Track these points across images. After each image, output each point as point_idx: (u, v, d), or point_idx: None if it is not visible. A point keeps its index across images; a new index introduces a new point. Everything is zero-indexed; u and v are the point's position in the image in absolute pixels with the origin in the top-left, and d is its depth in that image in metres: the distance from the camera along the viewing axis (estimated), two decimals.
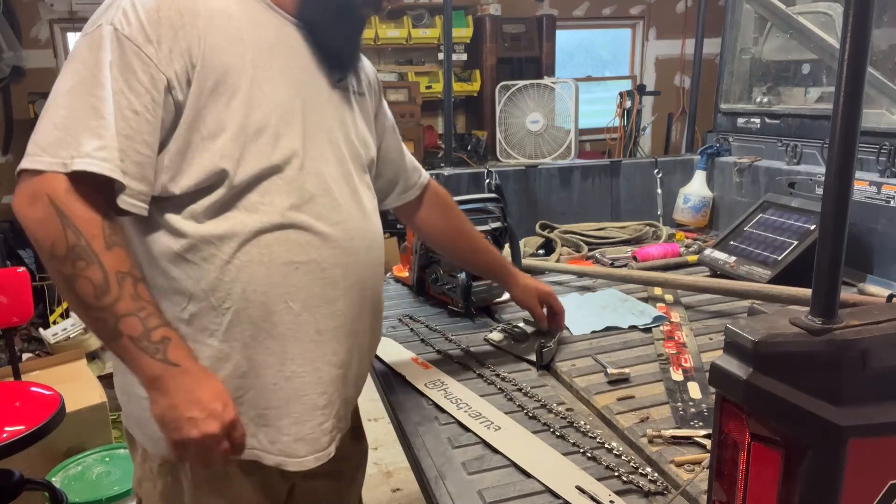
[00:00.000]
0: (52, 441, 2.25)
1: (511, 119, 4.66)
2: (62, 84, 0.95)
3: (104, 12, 0.99)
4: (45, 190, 0.91)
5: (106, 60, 0.94)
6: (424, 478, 1.19)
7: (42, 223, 0.91)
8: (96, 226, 0.92)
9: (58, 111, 0.94)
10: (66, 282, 0.92)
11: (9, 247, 4.40)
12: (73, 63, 0.96)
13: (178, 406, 0.93)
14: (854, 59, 0.69)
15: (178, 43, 0.97)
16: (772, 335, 0.72)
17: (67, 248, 0.90)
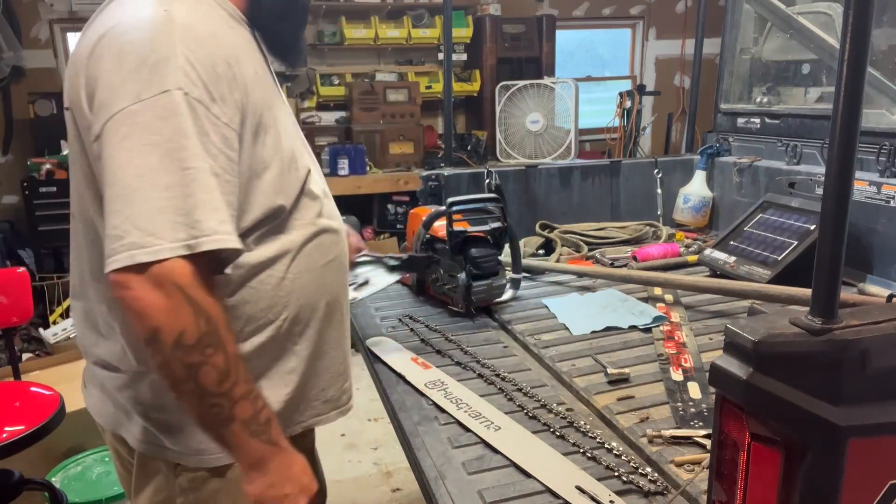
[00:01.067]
0: (52, 441, 2.25)
1: (511, 119, 4.67)
2: (142, 161, 0.86)
3: (155, 73, 0.89)
4: (170, 278, 0.85)
5: (186, 128, 0.88)
6: (424, 478, 1.19)
7: (169, 313, 0.86)
8: (220, 309, 0.91)
9: (154, 192, 0.86)
10: (189, 370, 0.88)
11: (9, 247, 4.41)
12: (144, 135, 0.87)
13: (277, 485, 0.97)
14: (854, 59, 0.69)
15: (234, 96, 0.95)
16: (772, 335, 0.72)
17: (199, 337, 0.87)
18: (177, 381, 0.89)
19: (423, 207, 2.21)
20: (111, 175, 0.87)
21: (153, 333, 0.86)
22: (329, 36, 5.04)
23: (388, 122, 4.85)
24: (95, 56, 0.93)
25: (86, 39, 0.99)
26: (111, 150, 0.88)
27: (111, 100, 0.89)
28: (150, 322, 0.86)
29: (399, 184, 4.61)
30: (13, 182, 4.54)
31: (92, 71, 0.93)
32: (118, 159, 0.87)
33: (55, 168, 4.26)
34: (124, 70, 0.89)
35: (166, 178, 0.86)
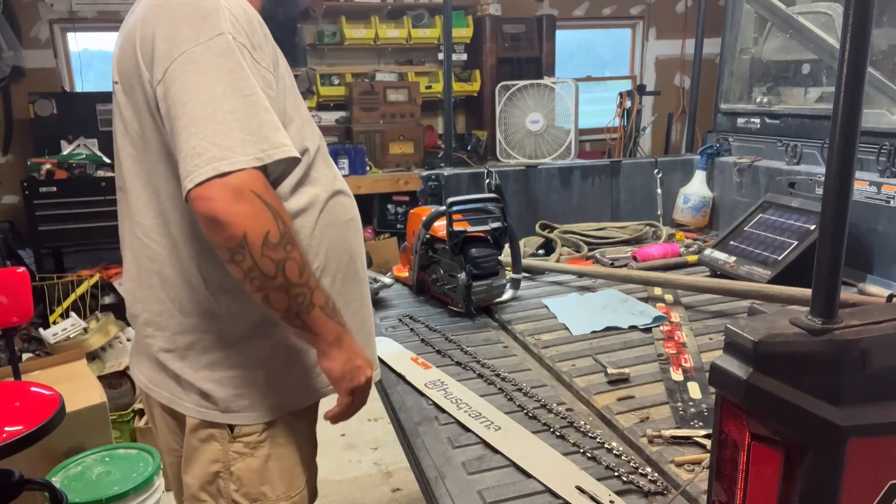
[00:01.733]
0: (52, 441, 2.24)
1: (511, 119, 4.67)
2: (209, 91, 0.97)
3: (207, 21, 1.00)
4: (248, 186, 0.95)
5: (242, 64, 1.00)
6: (424, 478, 1.19)
7: (254, 217, 0.95)
8: (286, 211, 1.02)
9: (224, 115, 0.96)
10: (277, 266, 0.98)
11: (9, 247, 4.41)
12: (207, 70, 0.98)
13: (351, 359, 1.11)
14: (854, 59, 0.69)
15: (267, 49, 1.08)
16: (772, 335, 0.72)
17: (280, 236, 0.98)
18: (267, 279, 0.99)
19: (423, 207, 2.21)
20: (181, 107, 0.97)
21: (241, 239, 0.95)
22: (329, 36, 5.04)
23: (388, 122, 4.85)
24: (148, 20, 1.04)
25: (134, 16, 1.10)
26: (179, 86, 0.98)
27: (171, 47, 1.00)
28: (236, 229, 0.95)
29: (399, 184, 4.61)
30: (13, 182, 4.54)
31: (147, 31, 1.03)
32: (187, 92, 0.97)
33: (55, 168, 4.26)
34: (179, 22, 1.01)
35: (232, 104, 0.97)
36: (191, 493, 1.19)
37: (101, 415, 2.67)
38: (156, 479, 2.43)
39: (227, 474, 1.17)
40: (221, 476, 1.17)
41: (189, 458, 1.19)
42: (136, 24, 1.07)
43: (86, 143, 4.52)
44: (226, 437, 1.16)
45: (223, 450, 1.16)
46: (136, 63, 1.05)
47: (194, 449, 1.18)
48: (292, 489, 1.21)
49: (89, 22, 4.87)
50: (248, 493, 1.18)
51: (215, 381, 1.14)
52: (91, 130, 4.56)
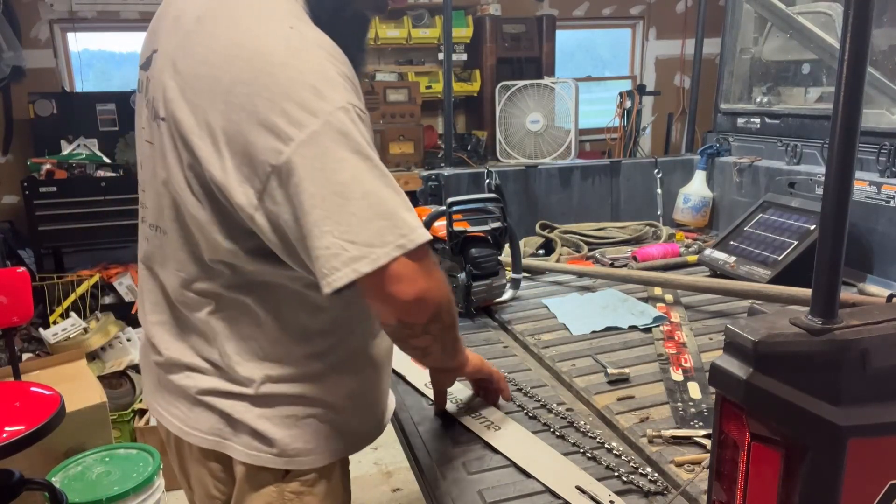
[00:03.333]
0: (52, 441, 2.25)
1: (511, 119, 4.67)
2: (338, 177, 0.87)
3: (320, 94, 0.87)
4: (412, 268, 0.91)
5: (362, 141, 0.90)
6: (424, 478, 1.19)
7: (439, 289, 0.96)
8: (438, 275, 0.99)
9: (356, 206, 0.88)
10: (448, 332, 1.05)
11: (9, 247, 4.40)
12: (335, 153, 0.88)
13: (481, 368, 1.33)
14: (854, 59, 0.69)
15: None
16: (772, 335, 0.72)
17: (451, 311, 1.02)
18: (447, 341, 1.08)
19: (423, 207, 2.21)
20: (309, 200, 0.86)
21: (436, 312, 0.97)
22: None
23: (388, 122, 4.85)
24: (240, 82, 0.89)
25: (200, 51, 0.95)
26: (304, 176, 0.86)
27: (285, 128, 0.86)
28: (431, 305, 0.95)
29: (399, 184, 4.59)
30: (13, 182, 4.54)
31: (238, 99, 0.89)
32: (314, 183, 0.86)
33: (55, 168, 4.25)
34: (285, 96, 0.87)
35: (365, 190, 0.89)
36: None
37: (101, 415, 2.67)
38: (156, 479, 2.43)
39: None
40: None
41: (240, 501, 1.12)
42: (210, 72, 0.91)
43: (86, 143, 4.52)
44: (281, 478, 1.09)
45: (278, 491, 1.09)
46: (211, 128, 0.91)
47: (245, 493, 1.11)
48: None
49: (89, 22, 4.87)
50: None
51: (271, 422, 1.06)
52: (91, 130, 4.56)
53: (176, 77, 0.97)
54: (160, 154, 1.02)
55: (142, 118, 1.09)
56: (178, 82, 0.96)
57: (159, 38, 1.06)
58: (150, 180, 1.07)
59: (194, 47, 0.96)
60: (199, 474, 1.15)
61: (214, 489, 1.15)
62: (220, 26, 0.95)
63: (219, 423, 1.07)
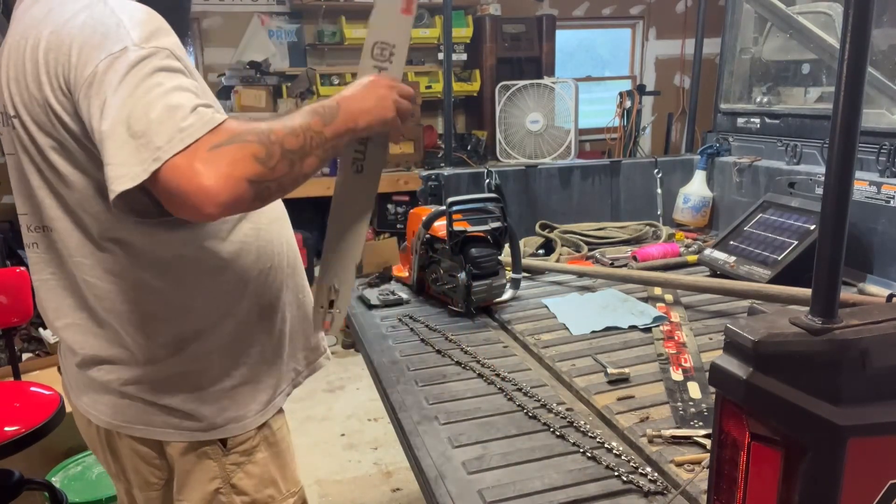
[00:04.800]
0: (52, 441, 2.25)
1: (511, 119, 4.67)
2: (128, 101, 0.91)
3: (107, 39, 0.93)
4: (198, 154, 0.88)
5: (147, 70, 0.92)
6: (424, 478, 1.19)
7: (233, 167, 0.90)
8: (239, 128, 0.93)
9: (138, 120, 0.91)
10: (290, 162, 0.94)
11: (9, 247, 4.40)
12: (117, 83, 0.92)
13: (367, 101, 1.09)
14: (854, 59, 0.69)
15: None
16: (772, 335, 0.72)
17: (265, 152, 0.91)
18: (294, 173, 0.95)
19: (423, 207, 2.21)
20: (96, 132, 0.90)
21: (247, 188, 0.89)
22: (329, 36, 5.04)
23: None
24: (52, 49, 0.97)
25: (24, 42, 1.01)
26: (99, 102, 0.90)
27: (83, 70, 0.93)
28: (232, 192, 0.88)
29: (399, 184, 4.61)
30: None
31: (50, 60, 0.96)
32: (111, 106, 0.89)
33: None
34: (83, 46, 0.94)
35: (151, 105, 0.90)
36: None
37: None
38: None
39: (228, 488, 1.16)
40: (222, 492, 1.16)
41: (183, 483, 1.16)
42: (34, 56, 0.99)
43: None
44: (219, 452, 1.14)
45: (219, 465, 1.15)
46: (45, 98, 0.98)
47: (187, 472, 1.15)
48: (295, 484, 1.24)
49: None
50: (255, 501, 1.17)
51: (196, 400, 1.11)
52: None
53: (10, 71, 1.04)
54: (23, 152, 1.06)
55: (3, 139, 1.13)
56: (10, 74, 1.03)
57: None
58: (21, 185, 1.11)
59: (18, 40, 1.03)
60: (135, 464, 1.19)
61: (151, 476, 1.20)
62: (36, 12, 1.03)
63: (145, 412, 1.12)
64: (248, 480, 1.17)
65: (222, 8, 5.01)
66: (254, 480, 1.17)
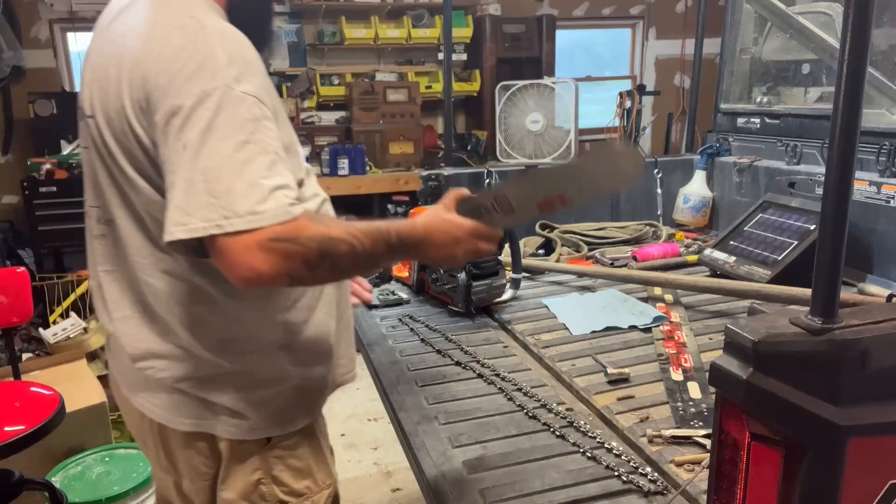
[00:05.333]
0: (52, 441, 2.25)
1: (511, 119, 4.66)
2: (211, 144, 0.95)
3: (202, 70, 0.96)
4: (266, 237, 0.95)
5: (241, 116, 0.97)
6: (424, 478, 1.19)
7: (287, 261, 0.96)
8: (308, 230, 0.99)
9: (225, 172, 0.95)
10: (331, 271, 1.02)
11: (9, 247, 4.41)
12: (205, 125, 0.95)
13: (440, 248, 1.13)
14: (854, 59, 0.69)
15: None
16: (772, 335, 0.72)
17: (318, 256, 0.97)
18: (332, 278, 1.10)
19: (423, 207, 2.21)
20: (178, 161, 0.94)
21: (288, 282, 0.98)
22: (329, 36, 5.04)
23: (388, 122, 4.85)
24: (139, 62, 0.99)
25: (113, 49, 1.05)
26: (175, 139, 0.94)
27: (167, 97, 0.96)
28: (280, 281, 0.96)
29: (399, 184, 4.61)
30: (13, 182, 4.54)
31: (136, 76, 0.99)
32: (187, 148, 0.93)
33: (55, 168, 4.25)
34: (174, 71, 0.96)
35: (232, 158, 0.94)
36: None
37: (101, 415, 2.68)
38: None
39: (269, 479, 1.20)
40: (263, 482, 1.20)
41: (227, 473, 1.20)
42: (119, 63, 1.02)
43: None
44: (263, 446, 1.19)
45: (262, 458, 1.19)
46: (122, 106, 1.01)
47: (231, 464, 1.19)
48: (330, 476, 1.28)
49: (89, 22, 4.86)
50: (293, 491, 1.22)
51: (244, 400, 1.15)
52: None
53: (94, 74, 1.08)
54: (94, 150, 1.11)
55: (80, 131, 1.19)
56: (96, 78, 1.08)
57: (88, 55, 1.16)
58: (91, 178, 1.16)
59: (106, 45, 1.08)
60: (188, 456, 1.22)
61: (204, 467, 1.22)
62: (128, 22, 1.06)
63: (198, 408, 1.15)
64: (288, 473, 1.21)
65: None
66: (294, 473, 1.22)
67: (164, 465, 1.27)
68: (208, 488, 1.24)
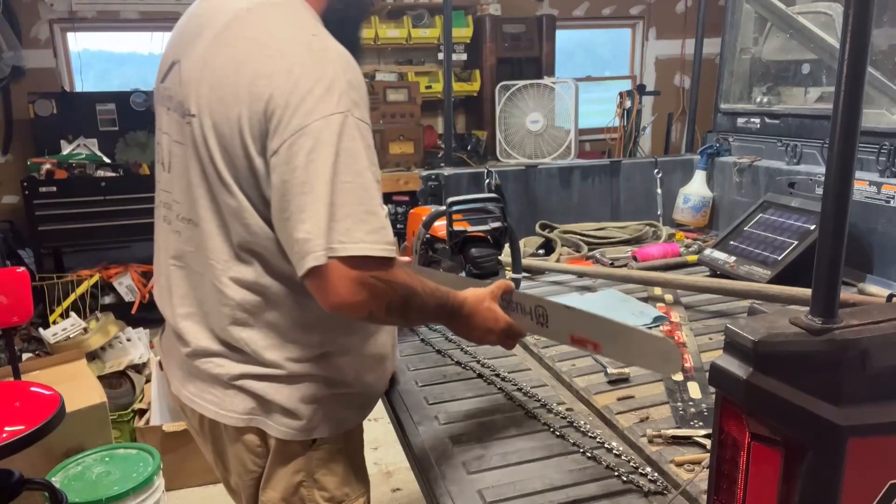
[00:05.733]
0: (52, 441, 2.25)
1: (511, 119, 4.66)
2: (327, 170, 0.99)
3: (329, 93, 1.00)
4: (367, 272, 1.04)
5: (357, 145, 1.02)
6: (424, 478, 1.19)
7: (376, 298, 1.06)
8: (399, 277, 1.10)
9: (340, 199, 1.00)
10: (402, 318, 1.16)
11: (9, 247, 4.41)
12: (328, 148, 0.99)
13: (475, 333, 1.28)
14: (854, 59, 0.69)
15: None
16: (772, 335, 0.72)
17: (401, 301, 1.08)
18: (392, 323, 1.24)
19: (423, 207, 2.21)
20: (298, 185, 0.99)
21: (367, 315, 1.07)
22: None
23: (388, 122, 4.85)
24: (261, 76, 1.02)
25: (230, 51, 1.07)
26: (298, 162, 0.98)
27: (292, 116, 0.99)
28: (361, 312, 1.05)
29: (399, 184, 4.61)
30: (13, 182, 4.54)
31: (262, 89, 1.01)
32: (306, 171, 0.98)
33: (55, 168, 4.25)
34: (302, 90, 1.00)
35: (348, 188, 1.00)
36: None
37: (101, 415, 2.67)
38: (155, 479, 2.43)
39: (310, 482, 1.22)
40: (304, 485, 1.22)
41: (272, 472, 1.22)
42: (238, 70, 1.04)
43: (86, 143, 4.52)
44: (308, 448, 1.20)
45: (306, 459, 1.21)
46: (239, 115, 1.03)
47: (276, 463, 1.21)
48: (366, 484, 1.31)
49: (89, 22, 4.87)
50: (333, 497, 1.23)
51: (299, 401, 1.17)
52: (91, 130, 4.56)
53: (205, 73, 1.09)
54: (192, 149, 1.11)
55: (163, 122, 1.21)
56: (208, 78, 1.08)
57: (180, 50, 1.17)
58: (181, 175, 1.16)
59: (223, 48, 1.08)
60: (237, 451, 1.23)
61: (252, 464, 1.24)
62: (248, 29, 1.08)
63: (252, 403, 1.17)
64: (330, 477, 1.23)
65: None
66: (335, 478, 1.23)
67: (213, 458, 1.31)
68: (254, 485, 1.26)
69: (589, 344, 1.23)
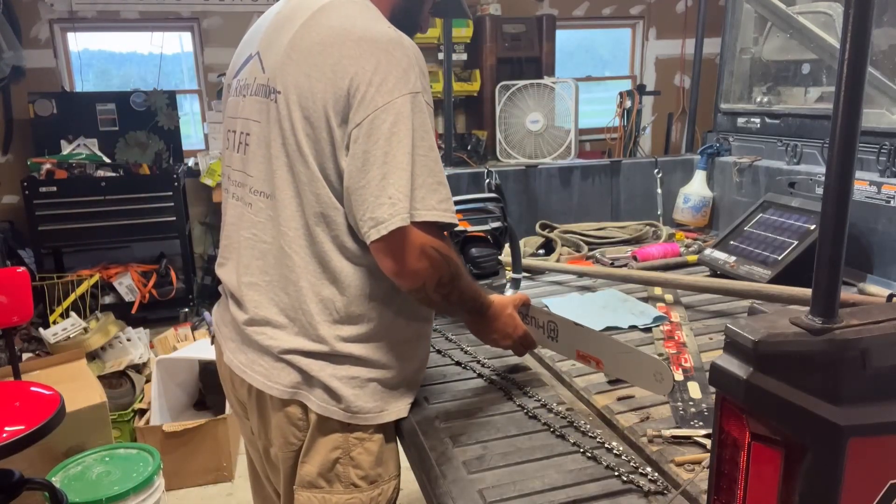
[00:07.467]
0: (52, 441, 2.25)
1: (511, 119, 4.67)
2: (406, 143, 1.11)
3: (407, 74, 1.13)
4: (429, 243, 1.16)
5: (427, 123, 1.15)
6: (424, 478, 1.19)
7: (433, 268, 1.18)
8: (453, 253, 1.24)
9: (418, 169, 1.13)
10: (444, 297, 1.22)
11: (9, 247, 4.41)
12: (406, 123, 1.11)
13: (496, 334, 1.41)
14: (854, 59, 0.69)
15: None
16: (772, 335, 0.72)
17: (450, 277, 1.19)
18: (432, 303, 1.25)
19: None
20: (381, 155, 1.09)
21: (421, 285, 1.17)
22: None
23: None
24: (347, 55, 1.13)
25: (313, 37, 1.17)
26: (379, 134, 1.10)
27: (375, 94, 1.10)
28: (418, 281, 1.16)
29: None
30: (13, 182, 4.54)
31: (348, 68, 1.12)
32: (388, 142, 1.10)
33: (55, 168, 4.26)
34: (384, 69, 1.12)
35: (422, 160, 1.13)
36: (307, 481, 1.28)
37: (101, 415, 2.68)
38: (156, 478, 2.43)
39: (346, 459, 1.27)
40: (341, 462, 1.27)
41: (310, 446, 1.27)
42: (324, 52, 1.14)
43: (86, 142, 4.52)
44: (346, 426, 1.26)
45: (344, 437, 1.26)
46: (324, 91, 1.13)
47: (315, 438, 1.27)
48: (397, 468, 1.37)
49: (89, 22, 4.87)
50: (367, 476, 1.30)
51: (346, 384, 1.23)
52: (91, 130, 4.56)
53: (292, 55, 1.19)
54: (276, 123, 1.20)
55: (237, 110, 1.32)
56: (295, 59, 1.18)
57: (260, 44, 1.29)
58: (259, 150, 1.26)
59: (309, 33, 1.19)
60: (280, 422, 1.29)
61: (292, 436, 1.29)
62: (332, 18, 1.19)
63: (297, 377, 1.24)
64: (365, 456, 1.28)
65: (222, 8, 5.01)
66: (370, 458, 1.29)
67: (256, 430, 1.35)
68: (294, 457, 1.30)
69: (592, 360, 1.38)
